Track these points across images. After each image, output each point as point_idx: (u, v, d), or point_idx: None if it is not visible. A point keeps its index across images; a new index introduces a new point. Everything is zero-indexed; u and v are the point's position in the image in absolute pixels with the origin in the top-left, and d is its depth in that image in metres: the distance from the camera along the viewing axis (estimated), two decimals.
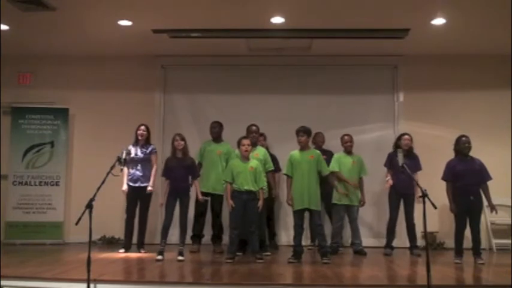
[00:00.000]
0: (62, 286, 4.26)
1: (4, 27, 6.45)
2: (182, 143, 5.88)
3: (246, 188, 5.62)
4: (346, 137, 6.57)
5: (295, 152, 5.81)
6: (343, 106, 7.57)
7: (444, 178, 5.83)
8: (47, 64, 7.72)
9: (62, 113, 7.59)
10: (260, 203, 5.70)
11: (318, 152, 5.89)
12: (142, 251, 6.31)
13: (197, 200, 6.23)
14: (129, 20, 6.27)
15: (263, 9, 5.90)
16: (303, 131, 5.75)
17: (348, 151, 6.54)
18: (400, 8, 5.83)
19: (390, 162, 6.45)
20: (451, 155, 5.87)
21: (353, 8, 5.86)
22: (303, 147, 5.78)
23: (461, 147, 5.77)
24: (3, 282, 4.21)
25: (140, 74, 7.73)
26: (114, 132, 7.37)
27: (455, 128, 6.96)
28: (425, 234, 4.07)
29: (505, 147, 7.13)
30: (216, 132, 6.73)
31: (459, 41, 6.88)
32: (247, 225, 5.67)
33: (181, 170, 5.84)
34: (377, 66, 7.70)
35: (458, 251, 5.73)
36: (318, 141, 6.93)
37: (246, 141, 5.75)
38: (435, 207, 4.10)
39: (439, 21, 6.19)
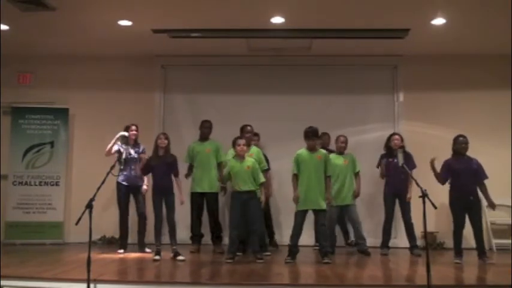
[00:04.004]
0: (62, 286, 4.25)
1: (4, 27, 6.45)
2: (166, 141, 5.90)
3: (244, 188, 5.62)
4: (342, 138, 6.55)
5: (303, 152, 5.75)
6: (343, 106, 7.58)
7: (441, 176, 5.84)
8: (47, 64, 7.72)
9: (62, 113, 7.59)
10: (262, 198, 5.72)
11: (325, 152, 5.87)
12: (148, 250, 6.27)
13: (191, 200, 6.29)
14: (129, 20, 6.27)
15: (263, 9, 5.90)
16: (314, 135, 5.70)
17: (341, 152, 6.53)
18: (400, 8, 5.83)
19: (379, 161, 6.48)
20: (450, 154, 5.87)
21: (353, 8, 5.86)
22: (312, 148, 5.76)
23: (458, 146, 5.79)
24: (3, 282, 4.21)
25: (140, 74, 7.73)
26: (114, 132, 7.31)
27: (455, 128, 6.94)
28: (425, 234, 4.08)
29: (505, 147, 7.13)
30: (208, 132, 6.73)
31: (459, 41, 6.88)
32: (249, 224, 5.67)
33: (163, 167, 5.84)
34: (377, 66, 7.70)
35: (458, 251, 5.72)
36: (325, 142, 6.91)
37: (241, 141, 5.76)
38: (435, 207, 4.10)
39: (439, 21, 6.19)
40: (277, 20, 6.22)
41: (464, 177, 5.67)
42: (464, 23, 6.27)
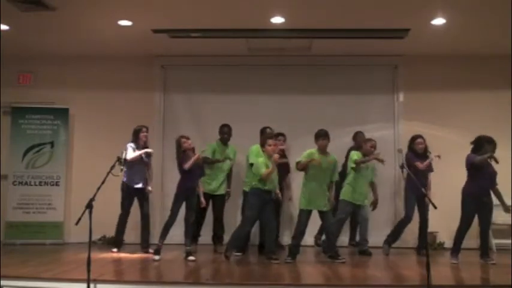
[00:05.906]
0: (62, 286, 4.26)
1: (4, 27, 6.44)
2: (190, 141, 5.88)
3: (270, 188, 5.61)
4: (372, 142, 6.39)
5: (316, 153, 5.73)
6: (344, 106, 7.56)
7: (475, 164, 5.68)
8: (47, 64, 7.71)
9: (62, 113, 7.58)
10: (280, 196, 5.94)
11: (336, 159, 5.89)
12: (150, 251, 6.25)
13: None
14: (129, 20, 6.27)
15: (263, 9, 5.90)
16: (326, 135, 5.72)
17: (367, 155, 6.42)
18: (400, 8, 5.83)
19: (408, 163, 6.27)
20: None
21: (353, 8, 5.85)
22: (324, 150, 5.76)
23: (491, 149, 5.66)
24: (3, 282, 4.21)
25: (140, 74, 7.73)
26: (114, 132, 7.36)
27: (455, 128, 6.96)
28: (426, 234, 4.08)
29: (505, 148, 7.09)
30: (227, 138, 6.76)
31: (459, 41, 6.88)
32: (268, 223, 5.68)
33: (197, 170, 5.87)
34: (377, 66, 7.69)
35: (457, 249, 5.69)
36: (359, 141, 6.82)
37: (272, 142, 5.71)
38: (435, 207, 4.11)
39: (439, 21, 6.18)
40: (277, 20, 6.21)
41: (485, 180, 5.66)
42: (464, 23, 6.26)
